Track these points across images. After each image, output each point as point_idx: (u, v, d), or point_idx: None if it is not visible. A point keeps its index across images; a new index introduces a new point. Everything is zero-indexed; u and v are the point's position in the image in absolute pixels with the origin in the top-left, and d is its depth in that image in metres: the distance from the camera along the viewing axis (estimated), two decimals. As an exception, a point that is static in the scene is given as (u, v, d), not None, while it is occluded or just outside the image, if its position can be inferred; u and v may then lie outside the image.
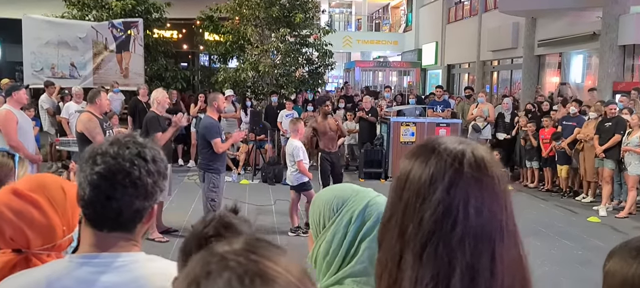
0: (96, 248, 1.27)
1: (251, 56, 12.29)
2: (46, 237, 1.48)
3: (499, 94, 16.59)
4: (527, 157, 9.90)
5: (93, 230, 1.27)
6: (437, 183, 0.87)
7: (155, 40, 14.20)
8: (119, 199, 1.22)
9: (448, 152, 0.89)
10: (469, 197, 0.86)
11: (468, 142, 0.93)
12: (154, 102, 6.45)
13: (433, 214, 0.86)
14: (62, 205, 1.51)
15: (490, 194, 0.88)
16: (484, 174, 0.88)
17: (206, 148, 6.20)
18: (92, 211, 1.25)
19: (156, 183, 1.27)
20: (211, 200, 6.22)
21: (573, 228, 7.24)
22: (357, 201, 1.31)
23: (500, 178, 0.90)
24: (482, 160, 0.89)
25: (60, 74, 12.33)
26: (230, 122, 11.07)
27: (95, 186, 1.21)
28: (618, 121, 7.98)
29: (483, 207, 0.86)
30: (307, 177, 6.49)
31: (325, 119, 7.29)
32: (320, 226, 1.32)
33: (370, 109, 11.06)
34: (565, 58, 13.96)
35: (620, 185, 8.35)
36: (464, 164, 0.87)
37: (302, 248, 4.79)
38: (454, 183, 0.86)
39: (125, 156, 1.23)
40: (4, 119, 5.74)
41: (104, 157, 1.22)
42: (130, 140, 1.27)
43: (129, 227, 1.28)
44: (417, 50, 22.80)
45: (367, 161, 10.23)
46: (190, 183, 9.29)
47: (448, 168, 0.87)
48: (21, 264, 1.46)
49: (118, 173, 1.21)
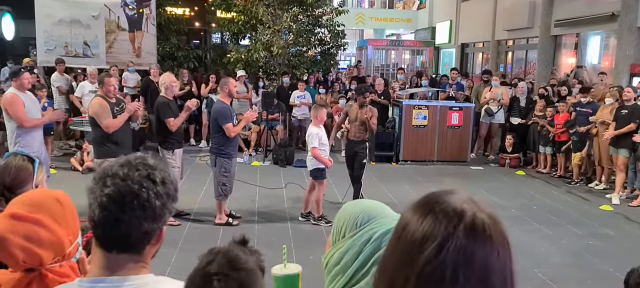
0: (105, 271, 1.28)
1: (263, 36, 12.21)
2: (56, 250, 1.51)
3: (513, 74, 16.35)
4: (542, 142, 9.79)
5: (103, 251, 1.28)
6: (428, 244, 0.81)
7: (167, 18, 14.15)
8: (127, 221, 1.23)
9: (445, 212, 0.83)
10: (459, 263, 0.80)
11: (475, 202, 0.86)
12: (162, 87, 6.44)
13: (419, 276, 0.81)
14: (62, 217, 1.52)
15: (486, 264, 0.81)
16: (481, 242, 0.81)
17: (218, 133, 6.23)
18: (102, 232, 1.26)
19: (165, 206, 1.28)
20: (222, 185, 6.28)
21: (585, 216, 7.18)
22: (381, 223, 1.29)
23: (502, 248, 0.83)
24: (482, 226, 0.82)
25: (74, 52, 12.39)
26: (242, 102, 11.07)
27: (104, 208, 1.22)
28: (634, 109, 7.85)
29: (473, 276, 0.80)
30: (322, 165, 6.36)
31: (360, 108, 7.17)
32: (340, 234, 1.32)
33: (382, 91, 10.97)
34: (582, 39, 13.69)
35: (635, 173, 8.24)
36: (459, 228, 0.81)
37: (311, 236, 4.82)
38: (445, 247, 0.80)
39: (134, 178, 1.24)
40: (10, 103, 5.79)
41: (114, 179, 1.23)
42: (140, 162, 1.28)
43: (138, 248, 1.29)
44: (430, 29, 22.47)
45: (378, 144, 10.20)
46: (201, 164, 9.36)
47: (442, 229, 0.82)
48: (37, 280, 1.49)
49: (127, 195, 1.22)
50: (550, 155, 9.79)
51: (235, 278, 1.25)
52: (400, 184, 8.62)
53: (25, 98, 5.95)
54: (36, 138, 5.99)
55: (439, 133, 10.28)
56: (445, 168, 10.05)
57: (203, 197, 7.30)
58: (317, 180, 6.44)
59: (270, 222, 6.55)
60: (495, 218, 0.85)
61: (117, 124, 5.79)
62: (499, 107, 10.70)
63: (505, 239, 0.84)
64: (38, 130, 6.09)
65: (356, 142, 7.12)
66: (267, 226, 6.38)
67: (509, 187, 8.81)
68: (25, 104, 5.87)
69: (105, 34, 12.56)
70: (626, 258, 5.64)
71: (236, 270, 1.27)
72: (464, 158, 10.45)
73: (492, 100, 10.70)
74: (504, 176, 9.61)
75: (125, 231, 1.24)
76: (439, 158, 10.35)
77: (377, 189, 7.89)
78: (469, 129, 10.44)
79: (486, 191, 8.41)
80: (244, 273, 1.27)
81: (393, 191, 8.12)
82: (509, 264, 0.84)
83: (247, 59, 12.42)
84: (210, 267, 1.25)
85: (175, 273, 5.31)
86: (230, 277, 1.25)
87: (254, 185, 8.12)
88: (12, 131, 5.86)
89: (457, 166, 10.19)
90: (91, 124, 5.95)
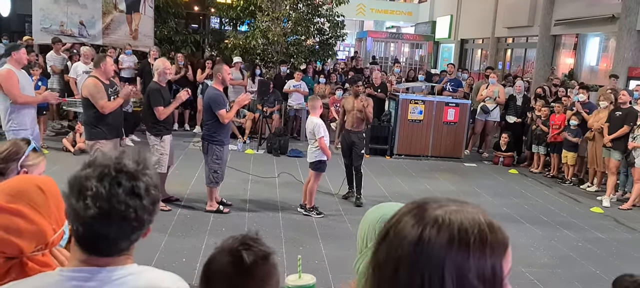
0: (87, 264, 1.25)
1: (262, 23, 12.13)
2: (38, 240, 1.48)
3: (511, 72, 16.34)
4: (536, 141, 9.80)
5: (85, 251, 1.24)
6: (403, 248, 0.81)
7: (165, 1, 14.03)
8: (113, 237, 1.21)
9: (429, 217, 0.83)
10: (434, 273, 0.79)
11: (461, 211, 0.84)
12: (155, 72, 6.35)
13: (392, 281, 0.82)
14: (45, 206, 1.49)
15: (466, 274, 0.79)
16: (464, 252, 0.79)
17: (211, 120, 6.19)
18: (86, 243, 1.23)
19: (151, 214, 1.26)
20: (214, 172, 6.25)
21: (575, 218, 7.20)
22: None
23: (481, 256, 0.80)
24: (464, 236, 0.80)
25: (69, 31, 12.29)
26: (237, 89, 11.02)
27: (89, 226, 1.18)
28: (629, 112, 7.85)
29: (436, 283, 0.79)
30: (325, 157, 6.34)
31: (355, 98, 7.17)
32: (364, 243, 1.42)
33: (380, 84, 10.94)
34: (581, 39, 13.67)
35: (626, 176, 8.28)
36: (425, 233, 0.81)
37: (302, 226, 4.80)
38: (422, 253, 0.80)
39: (119, 197, 1.18)
40: (5, 79, 5.73)
41: (96, 199, 1.16)
42: (121, 171, 1.20)
43: (124, 252, 1.28)
44: (431, 23, 22.41)
45: (373, 137, 10.18)
46: (194, 150, 9.32)
47: (414, 233, 0.81)
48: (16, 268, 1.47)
49: (113, 215, 1.18)
50: (544, 155, 9.80)
51: (258, 249, 1.41)
52: (393, 178, 8.62)
53: (20, 75, 5.90)
54: (28, 115, 5.94)
55: (434, 128, 10.27)
56: (439, 163, 10.05)
57: (195, 183, 7.28)
58: (316, 171, 6.44)
59: (261, 211, 6.53)
60: (465, 228, 0.81)
61: (113, 105, 5.75)
62: (495, 105, 10.69)
63: (471, 251, 0.80)
64: (31, 108, 6.05)
65: (354, 132, 7.12)
66: (258, 215, 6.36)
67: (501, 185, 8.82)
68: (20, 80, 5.82)
69: (102, 15, 12.44)
70: (614, 261, 5.67)
71: (260, 244, 1.42)
72: (458, 155, 10.45)
73: (488, 98, 10.69)
74: (496, 174, 9.63)
75: (112, 241, 1.23)
76: (433, 154, 10.35)
77: (370, 182, 7.87)
78: (464, 126, 10.43)
79: (478, 188, 8.42)
80: (267, 247, 1.43)
81: (386, 185, 8.12)
82: (472, 277, 0.80)
83: (244, 45, 12.34)
84: (232, 243, 1.40)
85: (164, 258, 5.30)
86: (253, 247, 1.40)
87: (247, 173, 8.10)
88: (5, 109, 5.79)
89: (451, 162, 10.19)
90: (84, 105, 5.90)
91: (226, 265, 1.39)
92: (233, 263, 1.38)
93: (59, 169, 7.23)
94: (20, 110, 5.81)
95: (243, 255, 1.37)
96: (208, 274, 1.42)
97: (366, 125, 7.42)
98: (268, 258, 1.42)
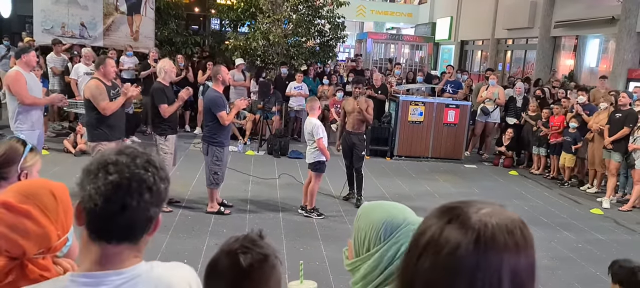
0: (98, 266, 1.24)
1: (262, 25, 12.15)
2: (41, 243, 1.50)
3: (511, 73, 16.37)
4: (536, 143, 9.82)
5: (98, 244, 1.24)
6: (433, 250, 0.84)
7: (166, 3, 14.06)
8: (134, 207, 1.21)
9: (459, 221, 0.85)
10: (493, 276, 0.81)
11: (494, 213, 0.86)
12: (160, 71, 6.40)
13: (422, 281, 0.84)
14: (54, 211, 1.51)
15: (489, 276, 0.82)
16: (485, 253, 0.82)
17: (211, 121, 6.21)
18: (104, 223, 1.22)
19: (167, 189, 1.29)
20: (214, 173, 6.27)
21: (575, 219, 7.22)
22: (405, 234, 1.30)
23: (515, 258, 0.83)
24: (490, 238, 0.82)
25: (70, 33, 12.31)
26: (239, 90, 11.04)
27: (109, 196, 1.19)
28: (629, 114, 7.87)
29: None
30: (323, 157, 6.37)
31: (355, 99, 7.19)
32: (363, 246, 1.35)
33: (380, 86, 10.96)
34: (581, 41, 13.69)
35: (626, 178, 8.29)
36: (466, 238, 0.82)
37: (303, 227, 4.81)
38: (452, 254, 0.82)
39: (137, 164, 1.23)
40: (13, 80, 5.82)
41: (117, 166, 1.21)
42: (135, 150, 1.28)
43: (138, 237, 1.27)
44: (431, 24, 22.44)
45: (373, 138, 10.20)
46: (195, 151, 9.34)
47: (451, 238, 0.83)
48: (17, 269, 1.48)
49: (133, 180, 1.21)
50: (544, 157, 9.82)
51: (255, 252, 1.42)
52: (394, 179, 8.64)
53: (28, 77, 5.97)
54: (35, 115, 6.04)
55: (435, 130, 10.29)
56: (439, 165, 10.07)
57: (195, 185, 7.30)
58: (316, 172, 6.45)
59: (262, 212, 6.55)
60: (510, 229, 0.85)
61: (114, 106, 5.78)
62: (495, 106, 10.71)
63: (520, 250, 0.84)
64: (38, 109, 6.13)
65: (354, 133, 7.14)
66: (258, 216, 6.38)
67: (501, 187, 8.84)
68: (27, 82, 5.89)
69: (103, 16, 12.47)
70: (614, 263, 5.68)
71: (257, 246, 1.43)
72: (458, 156, 10.47)
73: (488, 100, 10.71)
74: (496, 175, 9.64)
75: (130, 218, 1.22)
76: (433, 155, 10.37)
77: (370, 183, 7.89)
78: (464, 127, 10.45)
79: (478, 190, 8.43)
80: (264, 249, 1.43)
81: (386, 186, 8.14)
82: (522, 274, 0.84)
83: (245, 47, 12.36)
84: (231, 245, 1.42)
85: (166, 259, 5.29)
86: (251, 250, 1.41)
87: (248, 175, 8.12)
88: (13, 110, 5.89)
89: (451, 163, 10.21)
90: (86, 107, 5.92)
91: (225, 268, 1.42)
92: (231, 266, 1.41)
93: (60, 170, 7.25)
94: (28, 111, 5.94)
95: (240, 259, 1.40)
96: (209, 276, 1.45)
97: (366, 126, 7.44)
98: (266, 260, 1.44)
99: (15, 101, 5.85)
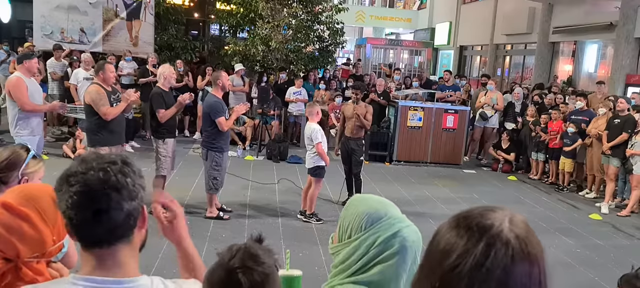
0: (97, 271, 1.25)
1: (262, 30, 12.18)
2: (36, 247, 1.51)
3: (510, 79, 16.40)
4: (535, 148, 9.83)
5: (91, 251, 1.25)
6: (448, 256, 0.86)
7: (166, 8, 14.10)
8: (107, 210, 1.20)
9: (471, 227, 0.87)
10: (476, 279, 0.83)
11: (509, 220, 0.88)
12: (160, 77, 6.43)
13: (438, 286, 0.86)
14: (52, 216, 1.52)
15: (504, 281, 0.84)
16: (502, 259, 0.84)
17: (210, 127, 6.22)
18: (86, 231, 1.22)
19: (135, 182, 1.26)
20: (213, 179, 6.27)
21: (574, 224, 7.23)
22: (385, 227, 1.40)
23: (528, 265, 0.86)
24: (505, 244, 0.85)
25: (70, 38, 12.32)
26: (239, 96, 11.06)
27: (78, 206, 1.19)
28: (627, 119, 7.90)
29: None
30: (323, 162, 6.38)
31: (354, 104, 7.21)
32: (346, 233, 1.44)
33: (382, 91, 11.00)
34: (579, 47, 13.73)
35: (624, 182, 8.31)
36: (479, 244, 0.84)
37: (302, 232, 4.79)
38: (463, 262, 0.84)
39: (94, 167, 1.22)
40: (14, 86, 5.83)
41: (76, 177, 1.21)
42: (95, 154, 1.27)
43: (127, 233, 1.27)
44: (430, 29, 22.48)
45: (372, 143, 10.21)
46: (194, 156, 9.35)
47: (462, 244, 0.85)
48: (11, 272, 1.49)
49: (94, 183, 1.20)
50: (542, 162, 9.83)
51: (257, 272, 1.38)
52: (392, 184, 8.65)
53: (30, 83, 5.98)
54: (35, 121, 6.05)
55: (434, 135, 10.31)
56: (438, 170, 10.08)
57: (195, 190, 7.30)
58: (315, 177, 6.45)
59: (261, 217, 6.55)
60: (525, 237, 0.87)
61: (115, 112, 5.79)
62: (493, 112, 10.74)
63: (533, 258, 0.87)
64: (38, 115, 6.14)
65: (352, 139, 7.16)
66: (257, 221, 6.38)
67: (500, 192, 8.85)
68: (28, 88, 5.89)
69: (102, 22, 12.49)
70: (613, 268, 5.68)
71: (258, 264, 1.39)
72: (457, 161, 10.48)
73: (486, 105, 10.74)
74: (495, 180, 9.65)
75: (108, 221, 1.21)
76: (432, 160, 10.38)
77: (369, 188, 7.89)
78: (463, 132, 10.47)
79: (477, 195, 8.44)
80: (265, 267, 1.40)
81: (385, 191, 8.14)
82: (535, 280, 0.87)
83: (244, 52, 12.39)
84: (232, 261, 1.37)
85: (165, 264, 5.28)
86: (252, 270, 1.37)
87: (247, 180, 8.12)
88: (13, 116, 5.90)
89: (450, 169, 10.22)
90: (86, 112, 5.94)
91: (224, 284, 1.40)
92: (230, 284, 1.39)
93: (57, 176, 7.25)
94: (28, 117, 5.94)
95: (241, 280, 1.37)
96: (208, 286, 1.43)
97: (364, 132, 7.46)
98: (268, 279, 1.41)
99: (15, 107, 5.86)
